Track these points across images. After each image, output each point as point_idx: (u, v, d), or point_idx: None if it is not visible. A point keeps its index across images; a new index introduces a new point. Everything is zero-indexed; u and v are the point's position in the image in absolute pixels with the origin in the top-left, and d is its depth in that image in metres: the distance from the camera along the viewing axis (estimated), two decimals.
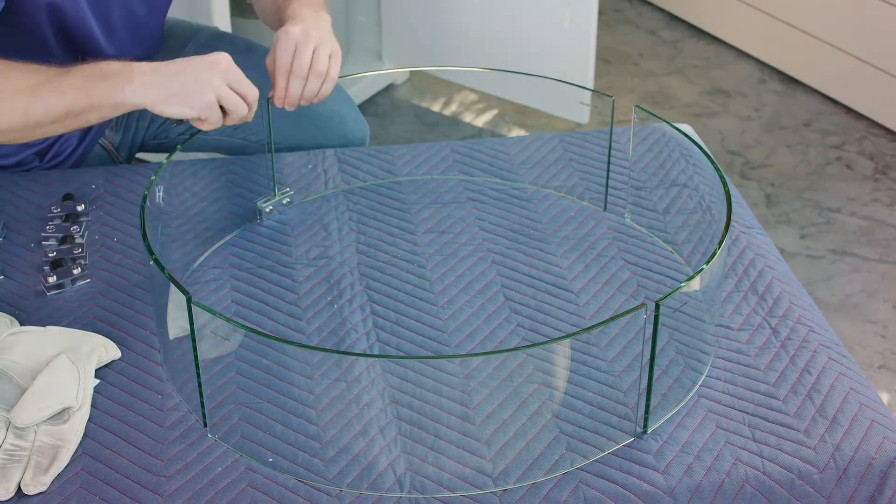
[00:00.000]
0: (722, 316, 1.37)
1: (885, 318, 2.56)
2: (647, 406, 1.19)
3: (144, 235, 1.24)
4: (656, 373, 1.27)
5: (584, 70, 3.02)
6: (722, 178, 1.34)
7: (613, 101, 1.52)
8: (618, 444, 1.19)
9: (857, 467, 1.19)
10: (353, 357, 1.28)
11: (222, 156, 1.73)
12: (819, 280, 2.67)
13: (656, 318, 1.13)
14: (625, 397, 1.24)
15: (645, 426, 1.20)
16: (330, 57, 1.47)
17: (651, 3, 3.85)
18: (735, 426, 1.22)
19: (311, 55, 1.45)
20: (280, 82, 1.45)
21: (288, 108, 1.47)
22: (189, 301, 1.12)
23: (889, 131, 3.20)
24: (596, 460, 1.17)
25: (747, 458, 1.18)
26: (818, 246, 2.79)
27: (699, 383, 1.27)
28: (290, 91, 1.45)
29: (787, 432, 1.21)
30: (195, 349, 1.15)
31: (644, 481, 1.15)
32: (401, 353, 1.31)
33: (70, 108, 1.33)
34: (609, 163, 1.56)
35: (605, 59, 3.55)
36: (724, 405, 1.24)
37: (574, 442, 1.19)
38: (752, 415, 1.23)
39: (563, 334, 1.33)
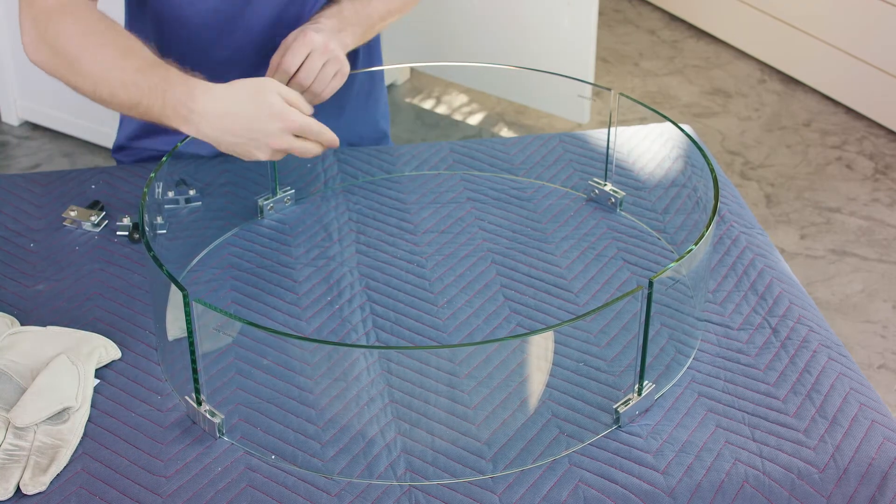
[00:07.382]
0: (722, 315, 1.37)
1: (885, 318, 2.56)
2: (643, 368, 1.20)
3: (143, 233, 1.24)
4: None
5: (585, 70, 3.02)
6: (701, 151, 1.34)
7: (613, 92, 1.52)
8: (609, 427, 1.21)
9: (857, 467, 1.19)
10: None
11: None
12: (819, 280, 2.67)
13: (650, 295, 1.15)
14: (619, 381, 1.25)
15: (639, 389, 1.22)
16: (335, 76, 1.48)
17: (651, 3, 3.85)
18: (735, 426, 1.22)
19: (319, 69, 1.46)
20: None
21: None
22: (186, 298, 1.12)
23: (889, 131, 3.20)
24: (596, 459, 1.17)
25: (747, 457, 1.18)
26: (818, 246, 2.79)
27: (686, 365, 1.28)
28: None
29: (787, 432, 1.21)
30: (192, 343, 1.15)
31: (644, 481, 1.15)
32: (398, 345, 1.31)
33: (129, 106, 1.36)
34: (608, 159, 1.56)
35: (604, 59, 3.55)
36: (724, 405, 1.24)
37: (571, 438, 1.19)
38: (752, 414, 1.23)
39: (560, 325, 1.33)
